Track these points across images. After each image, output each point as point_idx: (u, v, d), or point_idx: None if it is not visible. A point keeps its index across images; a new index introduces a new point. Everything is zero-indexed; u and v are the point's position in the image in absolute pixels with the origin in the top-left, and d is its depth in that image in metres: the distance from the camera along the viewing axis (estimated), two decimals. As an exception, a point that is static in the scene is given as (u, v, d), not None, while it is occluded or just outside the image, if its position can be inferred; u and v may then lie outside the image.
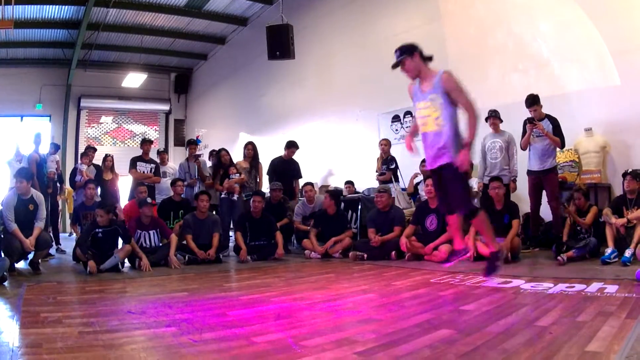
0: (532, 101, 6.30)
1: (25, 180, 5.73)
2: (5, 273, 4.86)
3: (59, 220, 9.05)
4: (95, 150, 9.32)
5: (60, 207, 9.82)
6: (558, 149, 6.47)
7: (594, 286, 3.71)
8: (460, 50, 8.61)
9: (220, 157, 8.28)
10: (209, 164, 9.38)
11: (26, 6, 11.72)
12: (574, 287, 3.73)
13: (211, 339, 2.61)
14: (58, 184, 8.57)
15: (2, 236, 5.51)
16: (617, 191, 6.38)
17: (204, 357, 2.29)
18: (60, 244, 8.32)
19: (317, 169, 10.58)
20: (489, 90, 7.96)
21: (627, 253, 4.81)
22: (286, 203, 8.19)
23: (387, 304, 3.53)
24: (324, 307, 3.51)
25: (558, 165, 6.59)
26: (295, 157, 8.93)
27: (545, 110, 6.38)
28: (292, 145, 8.81)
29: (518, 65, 7.83)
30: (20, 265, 5.89)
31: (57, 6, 12.12)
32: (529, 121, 6.28)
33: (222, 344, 2.50)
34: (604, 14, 6.75)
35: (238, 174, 8.02)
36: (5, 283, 4.75)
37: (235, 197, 7.96)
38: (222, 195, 8.03)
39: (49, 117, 15.94)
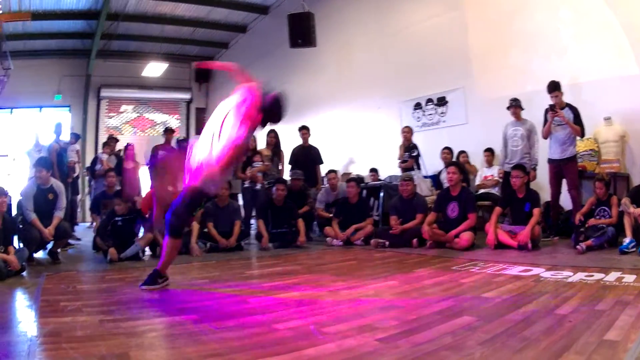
0: (554, 87, 6.31)
1: (44, 170, 5.67)
2: (24, 263, 4.79)
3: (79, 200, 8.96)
4: (117, 140, 9.43)
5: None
6: (578, 138, 6.44)
7: (613, 275, 3.73)
8: (482, 38, 8.56)
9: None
10: None
11: (43, -3, 11.71)
12: (592, 276, 3.75)
13: (232, 326, 2.62)
14: (77, 169, 8.67)
15: (21, 226, 5.40)
16: (636, 181, 6.36)
17: (225, 343, 2.31)
18: (75, 231, 8.37)
19: (339, 157, 10.59)
20: (510, 78, 7.93)
21: (645, 243, 4.79)
22: (307, 190, 8.09)
23: (408, 291, 3.56)
24: (345, 294, 3.54)
25: (578, 154, 6.56)
26: (317, 144, 8.96)
27: (565, 99, 6.37)
28: (302, 129, 8.82)
29: (539, 53, 7.76)
30: (39, 255, 5.77)
31: (75, -3, 12.09)
32: (550, 109, 6.27)
33: (243, 331, 2.52)
34: (622, 2, 6.68)
35: (261, 162, 7.87)
36: (24, 273, 4.71)
37: (259, 186, 7.82)
38: (245, 185, 7.90)
39: (68, 108, 15.95)
